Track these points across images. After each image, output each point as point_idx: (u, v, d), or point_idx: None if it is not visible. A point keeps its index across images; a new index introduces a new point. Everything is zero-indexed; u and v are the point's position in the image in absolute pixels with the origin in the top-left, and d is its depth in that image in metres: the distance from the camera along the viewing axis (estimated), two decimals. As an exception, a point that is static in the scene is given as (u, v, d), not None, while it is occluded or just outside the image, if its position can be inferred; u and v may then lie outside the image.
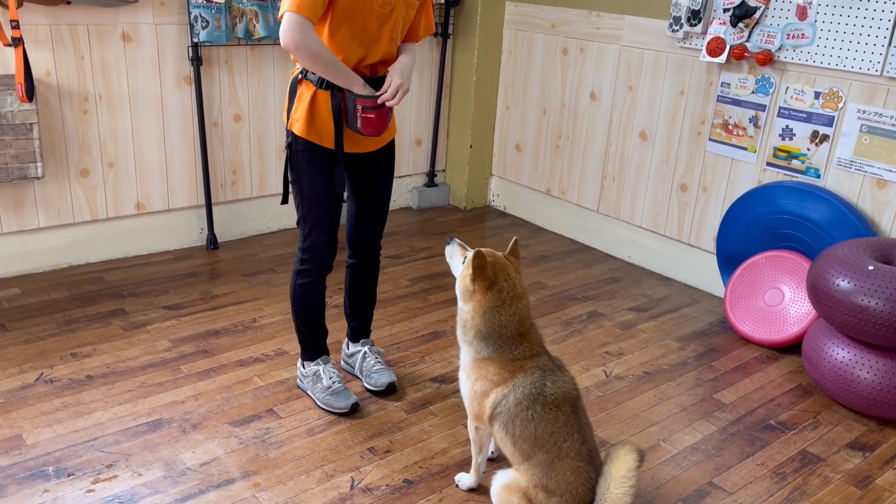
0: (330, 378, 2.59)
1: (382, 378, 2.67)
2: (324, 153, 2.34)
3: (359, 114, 2.26)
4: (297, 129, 2.33)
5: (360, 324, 2.77)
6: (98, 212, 3.56)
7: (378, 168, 2.52)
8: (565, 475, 1.91)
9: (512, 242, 2.10)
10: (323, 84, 2.26)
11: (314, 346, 2.63)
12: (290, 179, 2.44)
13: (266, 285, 3.49)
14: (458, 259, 2.12)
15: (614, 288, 3.73)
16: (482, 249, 1.99)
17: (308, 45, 2.14)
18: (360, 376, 2.75)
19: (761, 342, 3.19)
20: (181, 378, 2.72)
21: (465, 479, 2.24)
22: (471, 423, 2.13)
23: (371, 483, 2.25)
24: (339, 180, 2.35)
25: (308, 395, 2.65)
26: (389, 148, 2.53)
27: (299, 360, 2.68)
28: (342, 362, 2.84)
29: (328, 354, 2.67)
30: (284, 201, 2.49)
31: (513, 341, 2.00)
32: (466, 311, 2.03)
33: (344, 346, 2.84)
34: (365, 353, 2.74)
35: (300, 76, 2.32)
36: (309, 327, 2.60)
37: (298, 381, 2.70)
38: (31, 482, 2.16)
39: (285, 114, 2.38)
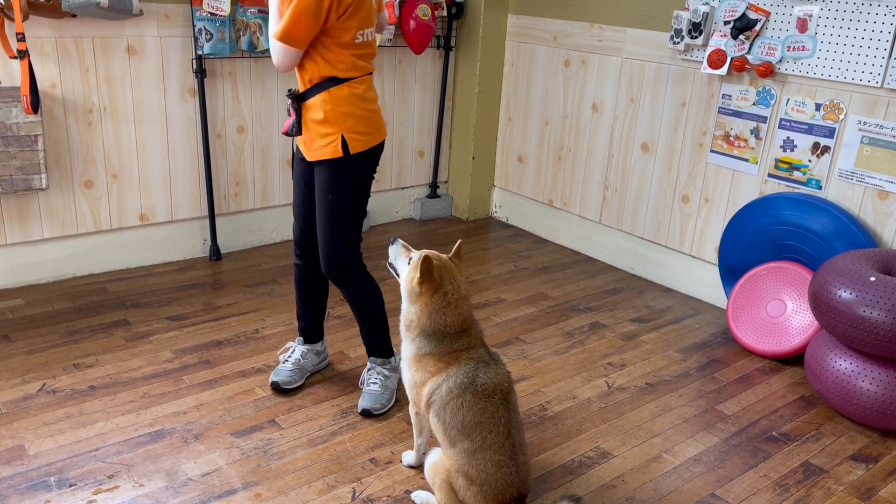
0: (287, 358, 2.80)
1: (364, 403, 2.64)
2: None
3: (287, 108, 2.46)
4: None
5: (364, 342, 2.73)
6: (102, 223, 3.58)
7: (316, 182, 2.50)
8: (486, 466, 1.97)
9: (456, 245, 2.17)
10: None
11: (298, 320, 2.82)
12: None
13: (269, 296, 3.50)
14: (402, 260, 2.19)
15: (616, 299, 3.73)
16: (428, 253, 2.05)
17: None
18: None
19: (764, 353, 3.18)
20: (183, 388, 2.72)
21: (408, 457, 2.40)
22: (412, 409, 2.25)
23: (372, 494, 2.25)
24: (293, 174, 2.59)
25: None
26: (319, 167, 2.45)
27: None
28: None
29: (304, 339, 2.82)
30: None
31: (453, 338, 2.08)
32: (413, 311, 2.11)
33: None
34: (366, 368, 2.75)
35: None
36: (296, 299, 2.80)
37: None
38: (32, 492, 2.16)
39: None
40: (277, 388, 2.72)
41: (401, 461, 2.40)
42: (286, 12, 2.23)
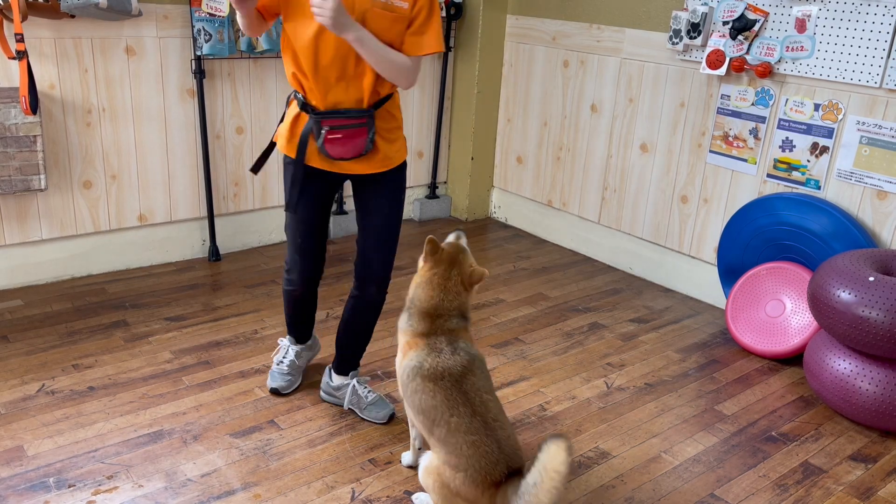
0: (283, 361, 2.74)
1: (382, 411, 2.59)
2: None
3: (324, 134, 2.24)
4: (280, 144, 2.39)
5: (349, 354, 2.63)
6: (101, 224, 3.57)
7: (375, 195, 2.41)
8: (462, 449, 1.97)
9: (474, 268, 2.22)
10: (306, 108, 2.27)
11: (291, 329, 2.76)
12: None
13: (268, 297, 3.50)
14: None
15: (616, 299, 3.73)
16: (450, 244, 2.19)
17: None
18: (353, 409, 2.64)
19: (763, 353, 3.18)
20: (182, 389, 2.72)
21: (406, 457, 2.41)
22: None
23: (372, 494, 2.25)
24: (292, 201, 2.35)
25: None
26: (391, 175, 2.40)
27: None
28: (322, 392, 2.71)
29: (297, 339, 2.77)
30: (254, 170, 2.53)
31: (420, 318, 2.14)
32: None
33: (326, 374, 2.69)
34: (353, 387, 2.62)
35: (292, 95, 2.35)
36: (289, 316, 2.72)
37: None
38: (31, 493, 2.16)
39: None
40: (277, 394, 2.72)
41: (400, 461, 2.40)
42: (433, 25, 2.19)
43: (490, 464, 1.95)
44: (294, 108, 2.33)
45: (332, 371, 2.67)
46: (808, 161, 3.24)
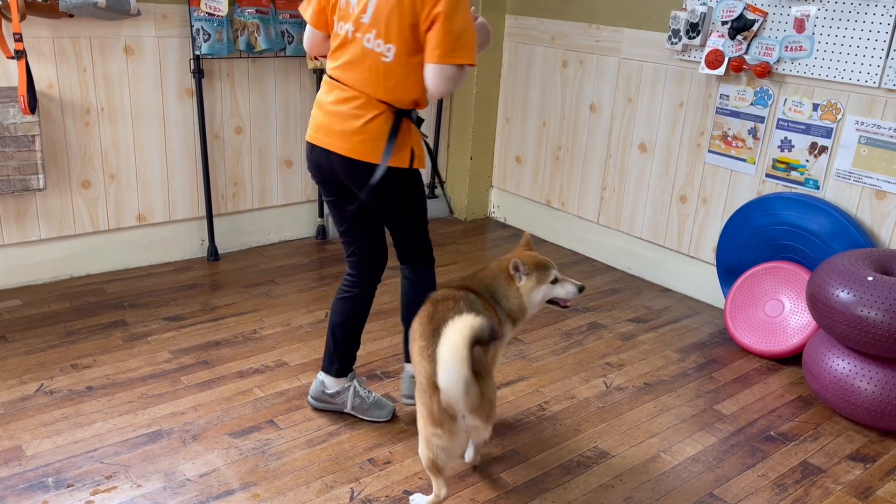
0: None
1: (385, 410, 2.60)
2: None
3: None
4: (417, 164, 2.33)
5: (349, 353, 2.60)
6: (99, 223, 3.57)
7: None
8: (415, 357, 2.12)
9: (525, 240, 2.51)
10: (419, 123, 2.35)
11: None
12: (398, 211, 2.39)
13: (267, 297, 3.50)
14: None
15: (615, 299, 3.73)
16: (529, 255, 2.39)
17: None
18: (352, 413, 2.59)
19: (762, 353, 3.18)
20: (181, 389, 2.72)
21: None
22: None
23: (371, 494, 2.25)
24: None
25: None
26: None
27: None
28: (313, 400, 2.62)
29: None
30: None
31: (470, 276, 2.38)
32: None
33: (317, 383, 2.61)
34: (355, 389, 2.59)
35: (404, 118, 2.25)
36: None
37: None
38: (30, 493, 2.16)
39: (391, 157, 2.22)
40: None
41: (401, 461, 2.39)
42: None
43: (433, 365, 1.96)
44: (413, 129, 2.29)
45: (327, 375, 2.58)
46: (807, 161, 3.24)
